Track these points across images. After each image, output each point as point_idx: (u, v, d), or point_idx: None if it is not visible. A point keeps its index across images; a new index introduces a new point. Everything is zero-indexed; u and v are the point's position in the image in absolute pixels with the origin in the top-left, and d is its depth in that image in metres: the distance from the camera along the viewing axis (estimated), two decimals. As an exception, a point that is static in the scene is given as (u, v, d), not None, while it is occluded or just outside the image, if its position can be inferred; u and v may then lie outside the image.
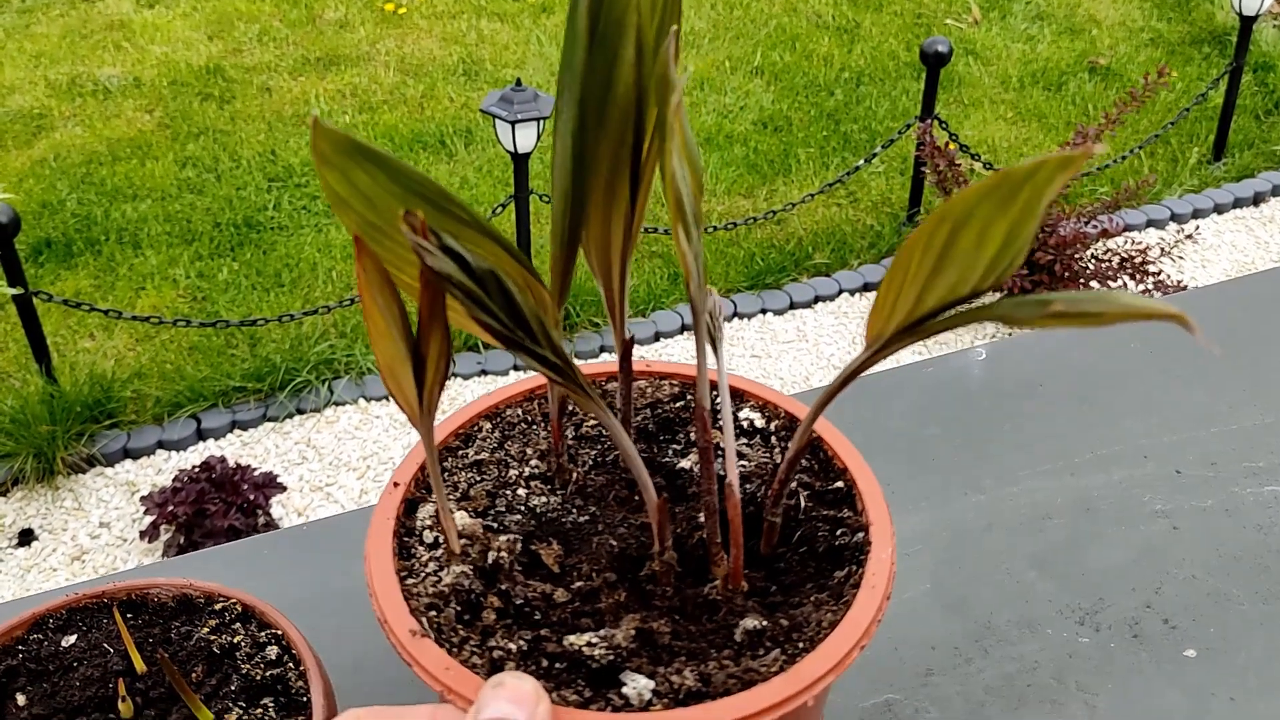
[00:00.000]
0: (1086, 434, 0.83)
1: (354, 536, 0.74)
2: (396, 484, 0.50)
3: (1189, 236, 3.31)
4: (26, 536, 2.51)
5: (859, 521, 0.49)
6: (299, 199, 3.54)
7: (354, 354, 2.95)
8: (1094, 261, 3.15)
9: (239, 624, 0.56)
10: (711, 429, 0.48)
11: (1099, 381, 0.88)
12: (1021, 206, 0.33)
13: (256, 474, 2.47)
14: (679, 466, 0.54)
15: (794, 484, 0.52)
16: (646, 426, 0.56)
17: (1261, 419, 0.84)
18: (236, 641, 0.55)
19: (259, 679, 0.53)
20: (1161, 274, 3.10)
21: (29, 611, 0.56)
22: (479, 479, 0.52)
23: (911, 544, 0.74)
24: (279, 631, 0.55)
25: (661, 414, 0.57)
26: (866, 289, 3.31)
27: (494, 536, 0.48)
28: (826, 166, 3.75)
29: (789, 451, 0.47)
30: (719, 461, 0.51)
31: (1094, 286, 3.05)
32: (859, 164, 3.55)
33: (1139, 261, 3.10)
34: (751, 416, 0.56)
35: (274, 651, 0.54)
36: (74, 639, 0.55)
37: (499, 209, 3.13)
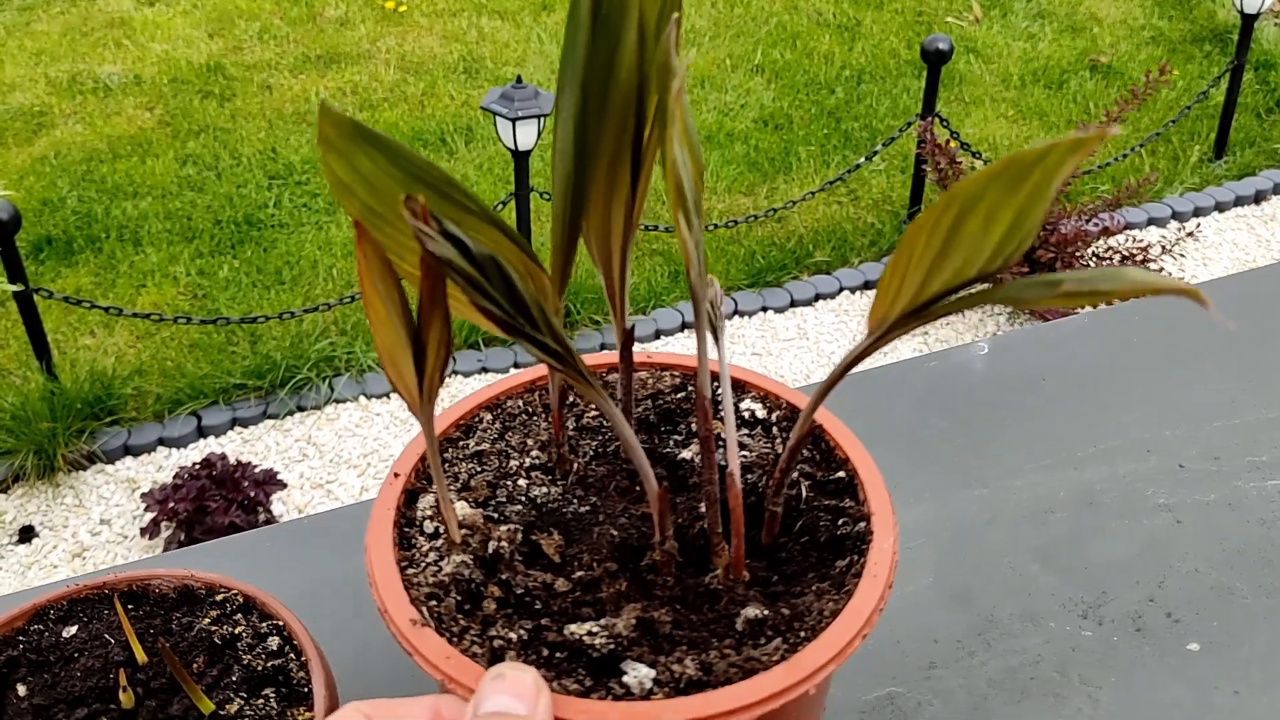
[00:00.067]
0: (1089, 428, 0.82)
1: (353, 530, 0.74)
2: (397, 474, 0.50)
3: (1190, 234, 3.31)
4: (27, 533, 2.51)
5: (861, 511, 0.49)
6: (299, 196, 3.54)
7: (354, 351, 2.95)
8: (1095, 259, 3.15)
9: (240, 615, 0.55)
10: (713, 419, 0.48)
11: (1101, 375, 0.88)
12: (1030, 190, 0.32)
13: (257, 471, 2.46)
14: (680, 457, 0.54)
15: (795, 474, 0.52)
16: (647, 417, 0.56)
17: (1265, 413, 0.83)
18: (238, 632, 0.54)
19: (260, 669, 0.53)
20: (1163, 272, 3.10)
21: (30, 602, 0.56)
22: (479, 469, 0.52)
23: (914, 537, 0.73)
24: (280, 622, 0.55)
25: (662, 405, 0.57)
26: (867, 287, 3.31)
27: (494, 526, 0.48)
28: (827, 164, 3.74)
29: (790, 440, 0.47)
30: (720, 451, 0.51)
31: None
32: (860, 162, 3.54)
33: (1140, 259, 3.10)
34: (753, 407, 0.56)
35: (275, 642, 0.54)
36: (75, 630, 0.55)
37: (499, 206, 3.12)
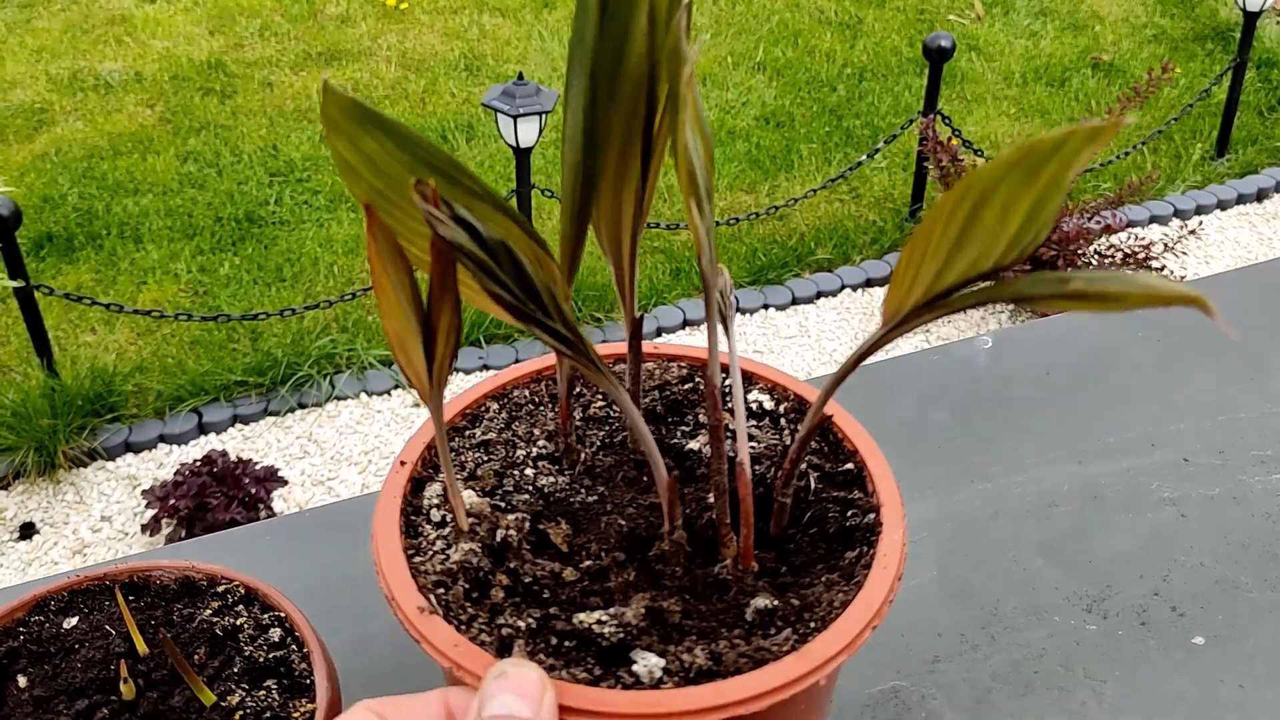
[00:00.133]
0: (1093, 422, 0.82)
1: (355, 523, 0.73)
2: (404, 463, 0.50)
3: (1192, 232, 3.31)
4: (28, 530, 2.51)
5: (870, 503, 0.49)
6: (300, 194, 3.54)
7: (355, 348, 2.95)
8: (1097, 257, 3.15)
9: (241, 606, 0.55)
10: (722, 409, 0.47)
11: (1106, 370, 0.88)
12: (1047, 180, 0.32)
13: (258, 468, 2.46)
14: (688, 448, 0.53)
15: (804, 465, 0.52)
16: (655, 408, 0.56)
17: (1269, 407, 0.83)
18: (239, 623, 0.54)
19: (262, 661, 0.52)
20: (1165, 270, 3.10)
21: (30, 593, 0.56)
22: (486, 459, 0.52)
23: (918, 532, 0.73)
24: (282, 614, 0.54)
25: (670, 396, 0.56)
26: (869, 284, 3.31)
27: (502, 515, 0.48)
28: (829, 162, 3.74)
29: (800, 431, 0.47)
30: (729, 442, 0.50)
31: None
32: (861, 159, 3.54)
33: (1142, 257, 3.10)
34: (761, 398, 0.56)
35: (277, 634, 0.54)
36: (75, 621, 0.55)
37: (501, 203, 3.12)
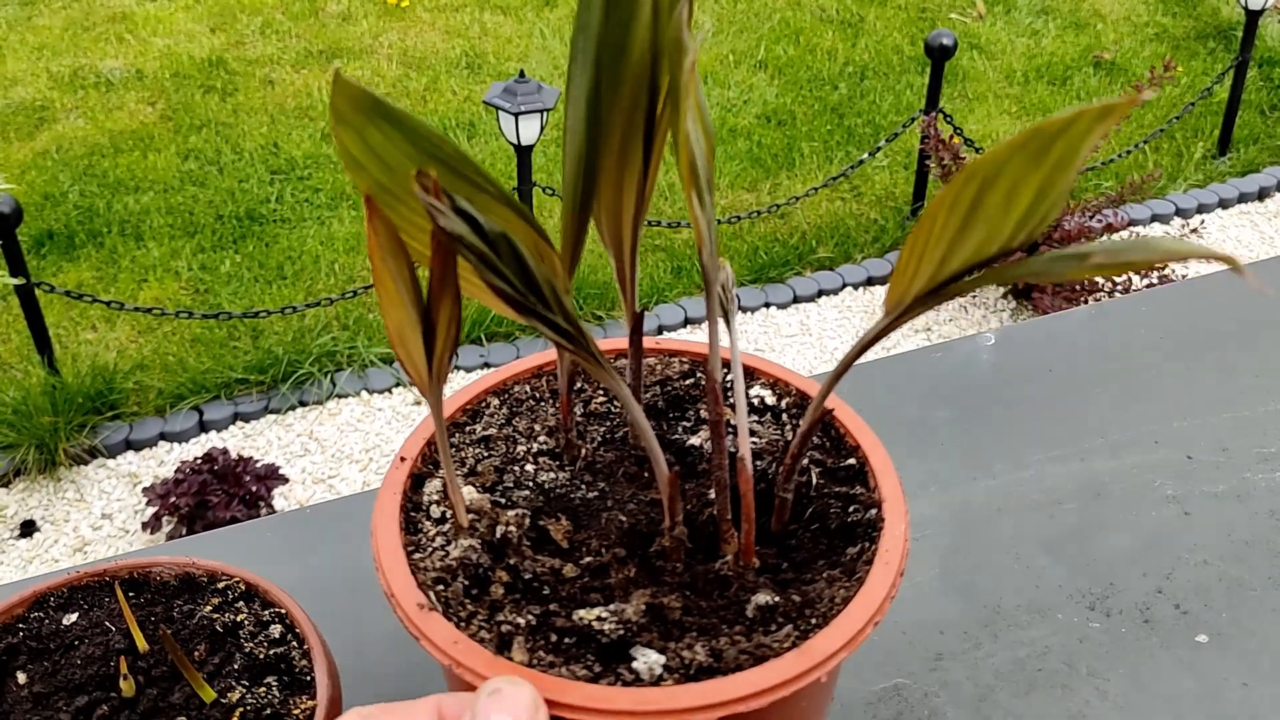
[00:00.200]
0: (1096, 419, 0.82)
1: (355, 520, 0.73)
2: (403, 459, 0.50)
3: (1194, 231, 3.30)
4: (28, 528, 2.51)
5: (871, 498, 0.49)
6: (301, 192, 3.54)
7: (356, 346, 2.95)
8: (1098, 256, 3.14)
9: (242, 602, 0.55)
10: (723, 404, 0.47)
11: (1109, 366, 0.87)
12: (1055, 162, 0.31)
13: (259, 466, 2.46)
14: (689, 444, 0.53)
15: (805, 461, 0.51)
16: (656, 403, 0.56)
17: (1273, 405, 0.83)
18: (239, 620, 0.54)
19: (262, 657, 0.52)
20: (1166, 268, 3.09)
21: (30, 589, 0.55)
22: (487, 454, 0.52)
23: (920, 528, 0.73)
24: (282, 610, 0.54)
25: (671, 391, 0.56)
26: (870, 283, 3.31)
27: (502, 511, 0.47)
28: (830, 160, 3.74)
29: (802, 426, 0.46)
30: (730, 437, 0.50)
31: (1098, 281, 3.05)
32: (863, 158, 3.54)
33: (1143, 256, 3.09)
34: (762, 394, 0.56)
35: (277, 630, 0.53)
36: (75, 617, 0.54)
37: (502, 201, 3.12)
